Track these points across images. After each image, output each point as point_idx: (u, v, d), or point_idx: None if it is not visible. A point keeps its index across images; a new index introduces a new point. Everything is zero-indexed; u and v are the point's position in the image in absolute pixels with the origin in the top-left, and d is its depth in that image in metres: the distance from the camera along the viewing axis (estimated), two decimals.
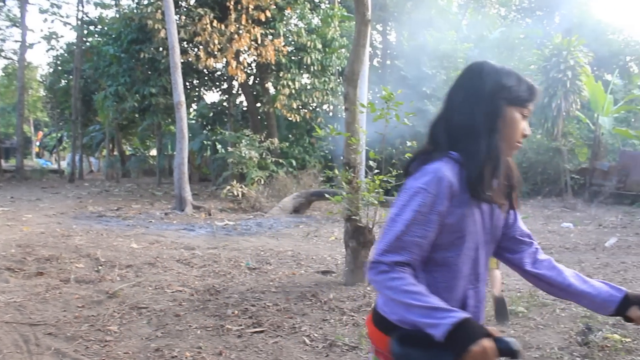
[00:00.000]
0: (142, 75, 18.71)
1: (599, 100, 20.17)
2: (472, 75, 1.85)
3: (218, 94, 23.92)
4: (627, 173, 18.08)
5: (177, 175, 14.42)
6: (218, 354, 4.10)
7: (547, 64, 19.34)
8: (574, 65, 18.72)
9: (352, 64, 6.34)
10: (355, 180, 6.11)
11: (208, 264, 7.41)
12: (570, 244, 10.17)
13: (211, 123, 24.29)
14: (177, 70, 14.08)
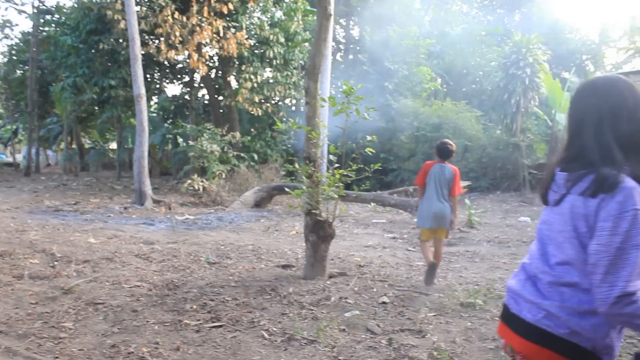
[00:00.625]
0: (101, 67, 18.34)
1: (557, 97, 20.61)
2: (614, 88, 1.86)
3: (179, 86, 23.69)
4: None
5: (137, 169, 14.20)
6: (175, 349, 4.05)
7: (506, 61, 19.65)
8: (533, 62, 19.08)
9: (313, 58, 6.33)
10: (316, 175, 6.11)
11: (167, 259, 7.33)
12: (527, 237, 10.37)
13: (172, 116, 24.01)
14: (137, 62, 13.85)
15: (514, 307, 1.91)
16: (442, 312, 5.21)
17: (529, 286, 1.90)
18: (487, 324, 4.85)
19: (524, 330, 1.85)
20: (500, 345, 4.29)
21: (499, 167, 19.72)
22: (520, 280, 1.96)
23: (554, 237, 1.87)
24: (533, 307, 1.84)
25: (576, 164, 1.83)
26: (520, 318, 1.87)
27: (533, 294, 1.87)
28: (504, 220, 12.89)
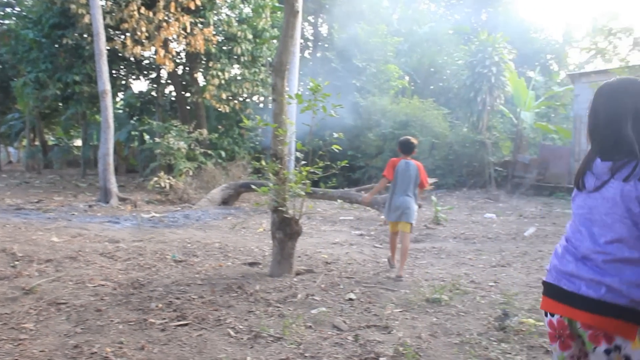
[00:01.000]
0: (65, 62, 17.97)
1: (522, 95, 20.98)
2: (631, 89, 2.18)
3: (146, 83, 23.31)
4: (547, 166, 18.92)
5: (102, 166, 13.98)
6: (140, 349, 4.00)
7: (473, 59, 19.91)
8: (499, 61, 19.36)
9: (280, 55, 6.31)
10: (283, 172, 6.10)
11: (133, 257, 7.23)
12: (492, 233, 10.54)
13: (139, 113, 23.68)
14: (102, 57, 13.62)
15: (570, 286, 2.11)
16: (408, 308, 5.26)
17: (583, 266, 2.11)
18: (453, 319, 4.91)
19: (591, 306, 2.05)
20: (464, 340, 4.35)
21: (465, 164, 19.97)
22: (569, 262, 2.16)
23: (599, 219, 2.11)
24: (593, 284, 2.05)
25: (617, 154, 2.09)
26: (584, 296, 2.07)
27: (591, 272, 2.07)
28: (470, 217, 13.06)
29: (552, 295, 2.20)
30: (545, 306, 2.24)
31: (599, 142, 2.20)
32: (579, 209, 2.21)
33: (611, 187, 2.08)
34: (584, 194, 2.21)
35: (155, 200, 14.38)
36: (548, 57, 32.23)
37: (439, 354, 4.09)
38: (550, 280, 2.22)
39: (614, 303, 2.00)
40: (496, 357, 3.99)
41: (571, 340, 2.15)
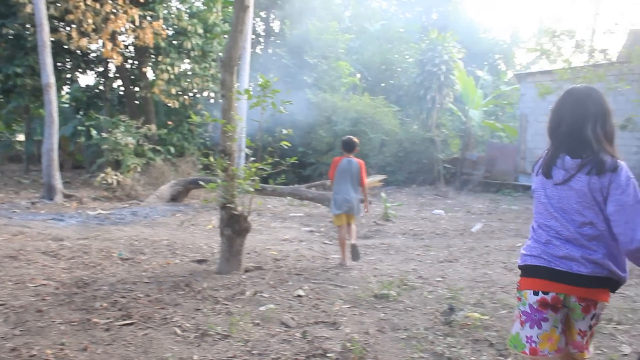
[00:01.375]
0: (5, 53, 17.33)
1: (470, 94, 21.40)
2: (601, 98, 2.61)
3: (93, 76, 22.69)
4: (494, 163, 19.35)
5: (46, 162, 13.55)
6: (83, 350, 3.90)
7: (423, 57, 20.19)
8: (448, 60, 19.69)
9: (229, 50, 6.25)
10: (231, 168, 6.04)
11: (77, 256, 7.04)
12: (440, 229, 10.72)
13: (85, 107, 23.00)
14: (45, 49, 13.18)
15: (563, 267, 2.48)
16: (356, 304, 5.29)
17: (572, 247, 2.48)
18: (400, 315, 4.97)
19: (584, 281, 2.45)
20: (411, 335, 4.41)
21: (414, 161, 20.23)
22: (558, 246, 2.52)
23: (571, 207, 2.51)
24: (583, 262, 2.45)
25: (584, 152, 2.50)
26: (576, 274, 2.45)
27: (580, 251, 2.46)
28: (419, 213, 13.24)
29: (544, 276, 2.52)
30: (538, 286, 2.53)
31: (564, 141, 2.59)
32: (549, 198, 2.58)
33: (579, 180, 2.47)
34: (551, 186, 2.58)
35: (102, 197, 14.05)
36: (496, 56, 32.98)
37: (386, 349, 4.13)
38: (541, 263, 2.53)
39: (599, 276, 2.44)
40: (442, 351, 4.05)
41: (557, 314, 2.53)
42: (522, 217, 12.57)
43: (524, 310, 2.56)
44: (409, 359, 3.91)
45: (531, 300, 2.54)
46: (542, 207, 2.61)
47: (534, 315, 2.52)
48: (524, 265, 2.62)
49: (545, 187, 2.61)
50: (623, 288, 4.97)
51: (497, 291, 5.97)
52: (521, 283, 2.63)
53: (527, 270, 2.60)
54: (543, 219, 2.60)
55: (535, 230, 2.63)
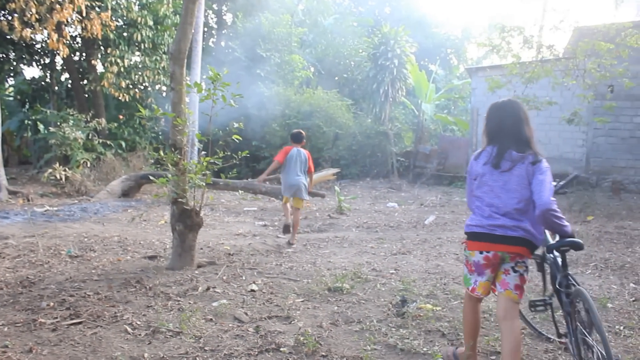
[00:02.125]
0: None
1: (423, 88, 21.65)
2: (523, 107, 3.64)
3: (39, 68, 21.95)
4: (446, 156, 19.65)
5: None
6: (28, 351, 3.79)
7: (376, 51, 20.29)
8: (401, 54, 19.85)
9: (178, 42, 6.14)
10: (182, 162, 5.96)
11: (23, 254, 6.84)
12: (394, 222, 10.83)
13: (31, 100, 22.32)
14: None
15: (502, 232, 3.42)
16: (310, 297, 5.30)
17: (506, 218, 3.42)
18: (354, 307, 5.00)
19: (516, 242, 3.42)
20: (364, 328, 4.45)
21: (368, 154, 20.35)
22: (497, 218, 3.44)
23: (511, 188, 3.44)
24: (514, 229, 3.40)
25: (524, 148, 3.47)
26: (511, 236, 3.41)
27: (513, 222, 3.41)
28: (372, 206, 13.35)
29: (487, 240, 3.47)
30: (482, 248, 3.50)
31: (509, 140, 3.51)
32: (495, 182, 3.49)
33: (519, 168, 3.43)
34: (497, 173, 3.48)
35: (50, 193, 13.66)
36: (448, 51, 33.45)
37: (339, 342, 4.15)
38: (484, 231, 3.47)
39: (525, 238, 3.41)
40: (395, 343, 4.10)
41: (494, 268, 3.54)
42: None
43: (474, 262, 3.55)
44: (362, 351, 3.94)
45: (478, 258, 3.52)
46: (488, 188, 3.51)
47: (479, 269, 3.53)
48: (472, 232, 3.55)
49: (493, 174, 3.50)
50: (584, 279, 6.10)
51: (449, 282, 6.07)
52: (468, 245, 3.59)
53: (474, 236, 3.54)
54: (489, 198, 3.50)
55: (479, 207, 3.54)
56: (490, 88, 13.64)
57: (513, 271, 3.47)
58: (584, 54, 11.76)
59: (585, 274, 6.70)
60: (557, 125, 16.76)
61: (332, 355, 3.89)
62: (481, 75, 18.05)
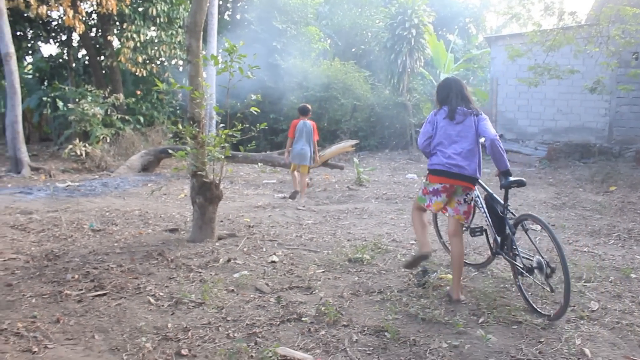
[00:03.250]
0: None
1: (441, 58, 21.36)
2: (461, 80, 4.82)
3: (56, 46, 22.01)
4: None
5: (11, 135, 13.22)
6: (55, 322, 3.86)
7: (393, 21, 20.00)
8: (418, 23, 19.55)
9: (194, 15, 6.10)
10: (200, 136, 5.96)
11: (47, 228, 6.93)
12: (413, 193, 10.77)
13: (49, 78, 22.43)
14: (2, 16, 12.69)
15: (457, 169, 4.47)
16: (330, 268, 5.32)
17: (461, 158, 4.47)
18: (374, 278, 5.01)
19: (465, 178, 4.49)
20: (385, 298, 4.46)
21: (387, 125, 20.23)
22: (454, 159, 4.47)
23: (463, 136, 4.50)
24: (466, 167, 4.46)
25: (468, 105, 4.57)
26: (463, 174, 4.47)
27: (465, 162, 4.47)
28: (392, 178, 13.30)
29: (447, 175, 4.51)
30: (442, 181, 4.54)
31: (457, 101, 4.59)
32: (452, 131, 4.54)
33: (469, 120, 4.54)
34: (453, 124, 4.54)
35: (71, 169, 13.81)
36: (467, 20, 32.88)
37: (360, 312, 4.17)
38: (444, 168, 4.50)
39: (472, 176, 4.51)
40: (416, 312, 4.11)
41: (449, 195, 4.59)
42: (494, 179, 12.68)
43: (431, 190, 4.61)
44: (383, 320, 3.95)
45: (437, 187, 4.58)
46: (446, 136, 4.55)
47: (435, 194, 4.60)
48: (434, 169, 4.59)
49: (450, 125, 4.56)
50: (592, 247, 6.37)
51: (470, 253, 6.05)
52: (430, 178, 4.63)
53: (436, 172, 4.57)
54: (448, 142, 4.54)
55: (441, 150, 4.54)
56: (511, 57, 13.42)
57: (464, 201, 4.62)
58: (607, 20, 11.48)
59: (608, 244, 6.65)
60: (579, 95, 16.49)
61: (354, 324, 3.91)
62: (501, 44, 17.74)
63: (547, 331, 3.85)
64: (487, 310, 4.20)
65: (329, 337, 3.69)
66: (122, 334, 3.70)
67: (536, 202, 9.63)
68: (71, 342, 3.57)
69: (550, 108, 17.45)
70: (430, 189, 4.60)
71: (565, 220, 8.05)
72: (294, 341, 3.62)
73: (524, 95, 17.72)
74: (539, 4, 12.85)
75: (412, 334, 3.76)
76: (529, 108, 17.86)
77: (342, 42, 25.53)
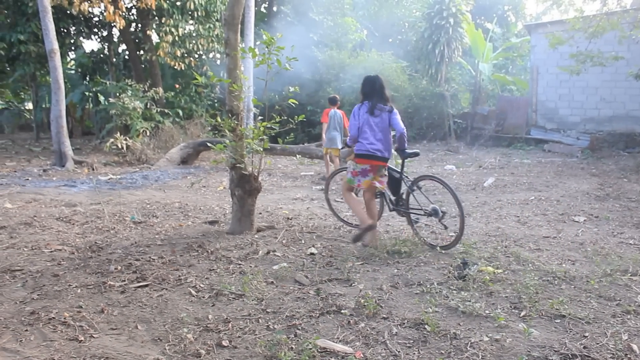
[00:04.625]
0: (7, 20, 17.15)
1: (479, 47, 21.03)
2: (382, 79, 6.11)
3: (97, 41, 22.45)
4: (505, 117, 19.12)
5: (55, 129, 13.57)
6: (100, 312, 3.95)
7: (430, 11, 19.79)
8: (456, 12, 19.29)
9: (232, 8, 6.12)
10: (239, 128, 5.99)
11: (91, 220, 7.09)
12: (452, 184, 10.62)
13: (91, 73, 22.91)
14: (47, 14, 13.03)
15: (379, 154, 5.77)
16: (369, 260, 5.30)
17: (380, 145, 5.77)
18: (413, 270, 4.97)
19: (385, 159, 5.85)
20: (424, 290, 4.42)
21: (425, 116, 20.04)
22: (376, 145, 5.74)
23: (381, 127, 5.80)
24: (383, 152, 5.81)
25: (385, 102, 5.87)
26: (383, 157, 5.81)
27: (383, 147, 5.79)
28: (430, 169, 13.19)
29: (371, 158, 5.76)
30: (369, 162, 5.80)
31: (378, 97, 5.83)
32: (372, 123, 5.77)
33: (385, 115, 5.80)
34: (373, 117, 5.77)
35: (113, 162, 14.10)
36: (505, 8, 32.20)
37: (400, 304, 4.14)
38: (369, 152, 5.75)
39: (387, 157, 5.83)
40: (456, 305, 4.05)
41: (375, 173, 5.85)
42: (535, 170, 12.48)
43: (359, 170, 5.85)
44: (423, 313, 3.92)
45: (365, 167, 5.83)
46: (369, 127, 5.77)
47: (364, 173, 5.84)
48: (361, 154, 5.79)
49: (370, 118, 5.78)
50: (638, 239, 6.35)
51: (511, 245, 5.96)
52: (358, 161, 5.84)
53: (362, 156, 5.80)
54: (370, 132, 5.77)
55: (366, 138, 5.76)
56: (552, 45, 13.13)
57: (385, 176, 5.99)
58: None
59: None
60: (623, 82, 16.03)
61: (393, 317, 3.88)
62: (541, 32, 17.37)
63: (592, 325, 3.76)
64: (529, 303, 4.12)
65: (368, 329, 3.67)
66: (164, 324, 3.76)
67: (578, 193, 9.41)
68: (115, 332, 3.64)
69: (592, 96, 17.03)
70: (359, 169, 5.85)
71: (609, 211, 7.85)
72: (333, 333, 3.61)
73: (566, 83, 17.34)
74: None
75: (452, 327, 3.72)
76: (571, 97, 17.47)
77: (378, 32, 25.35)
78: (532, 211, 7.95)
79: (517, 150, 17.07)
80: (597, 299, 4.25)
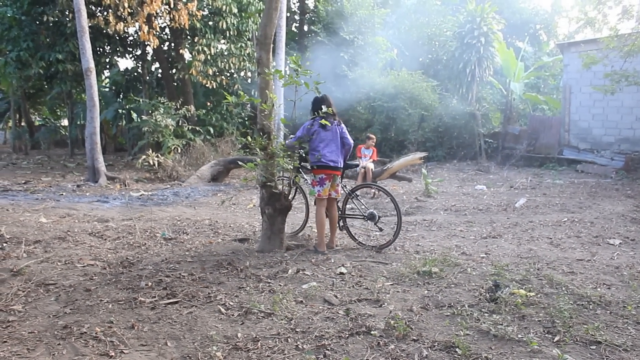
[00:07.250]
0: (46, 40, 17.64)
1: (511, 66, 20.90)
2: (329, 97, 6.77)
3: (131, 60, 22.93)
4: (537, 137, 18.91)
5: (89, 146, 13.83)
6: (130, 327, 3.98)
7: (461, 30, 19.75)
8: (487, 31, 19.22)
9: (264, 28, 6.19)
10: (270, 147, 6.03)
11: (122, 236, 7.18)
12: (483, 205, 10.55)
13: (125, 90, 23.37)
14: (84, 34, 13.36)
15: (332, 164, 6.37)
16: (399, 281, 5.25)
17: (335, 156, 6.41)
18: (444, 291, 4.91)
19: (338, 169, 6.48)
20: (455, 312, 4.36)
21: (455, 136, 19.93)
22: (333, 156, 6.39)
23: (334, 140, 6.43)
24: (339, 162, 6.46)
25: (334, 117, 6.48)
26: (337, 166, 6.44)
27: (337, 157, 6.44)
28: (460, 189, 13.07)
29: (328, 168, 6.34)
30: (325, 172, 6.36)
31: (328, 114, 6.26)
32: (326, 137, 6.35)
33: (337, 128, 6.47)
34: (325, 131, 6.34)
35: (144, 179, 14.29)
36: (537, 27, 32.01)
37: (430, 326, 4.09)
38: (326, 163, 6.32)
39: (340, 167, 6.50)
40: (487, 328, 3.98)
41: (330, 181, 6.49)
42: (567, 191, 12.28)
43: (318, 180, 6.35)
44: (454, 336, 3.86)
45: (321, 176, 6.30)
46: (325, 140, 6.31)
47: (321, 183, 6.31)
48: (319, 165, 6.29)
49: (323, 132, 6.29)
50: None
51: (543, 267, 5.85)
52: (315, 172, 6.37)
53: (320, 167, 6.30)
54: (326, 144, 6.31)
55: (324, 148, 6.28)
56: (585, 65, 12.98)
57: (339, 186, 6.65)
58: None
59: None
60: None
61: (424, 339, 3.83)
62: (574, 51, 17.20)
63: (629, 353, 3.65)
64: (563, 328, 4.03)
65: (398, 351, 3.63)
66: (194, 342, 3.76)
67: (613, 214, 9.22)
68: (145, 349, 3.66)
69: (628, 116, 16.74)
70: (317, 179, 6.39)
71: None
72: (362, 354, 3.58)
73: (599, 103, 17.09)
74: (616, 7, 12.38)
75: (484, 350, 3.65)
76: (605, 116, 17.21)
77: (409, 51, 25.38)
78: (565, 233, 7.80)
79: (549, 170, 16.83)
80: (634, 326, 4.13)
